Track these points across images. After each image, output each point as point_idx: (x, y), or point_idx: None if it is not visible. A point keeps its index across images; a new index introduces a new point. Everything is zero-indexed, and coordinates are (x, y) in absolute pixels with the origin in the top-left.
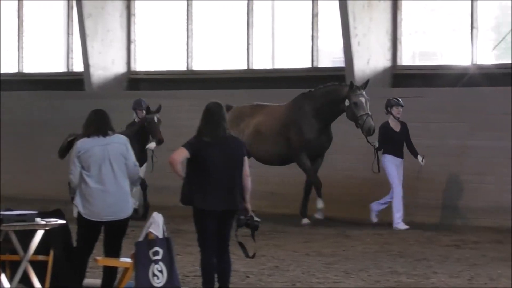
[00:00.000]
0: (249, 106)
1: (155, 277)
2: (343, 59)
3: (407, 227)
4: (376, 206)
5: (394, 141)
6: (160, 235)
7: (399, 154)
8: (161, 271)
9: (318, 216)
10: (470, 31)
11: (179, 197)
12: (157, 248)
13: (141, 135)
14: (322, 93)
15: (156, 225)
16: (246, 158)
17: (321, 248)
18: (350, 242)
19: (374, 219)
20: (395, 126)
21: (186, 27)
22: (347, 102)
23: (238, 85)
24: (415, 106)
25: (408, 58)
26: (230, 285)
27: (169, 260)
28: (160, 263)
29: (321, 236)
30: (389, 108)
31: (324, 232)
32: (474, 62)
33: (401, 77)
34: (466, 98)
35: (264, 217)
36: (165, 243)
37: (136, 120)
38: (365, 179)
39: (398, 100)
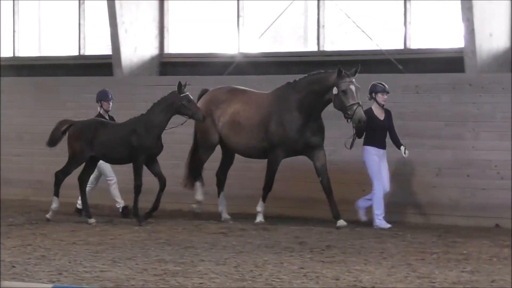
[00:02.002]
0: (226, 90)
1: None
2: (110, 46)
3: (389, 225)
4: (362, 203)
5: (378, 131)
6: None
7: (382, 144)
8: None
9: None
10: (236, 19)
11: None
12: None
13: (165, 119)
14: (308, 82)
15: None
16: None
17: (89, 236)
18: (118, 231)
19: (363, 217)
20: (379, 114)
21: None
22: (335, 91)
23: None
24: None
25: (175, 46)
26: None
27: None
28: None
29: (88, 225)
30: (373, 94)
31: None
32: (241, 51)
33: (168, 65)
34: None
35: (31, 207)
36: None
37: (101, 112)
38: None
39: (384, 86)
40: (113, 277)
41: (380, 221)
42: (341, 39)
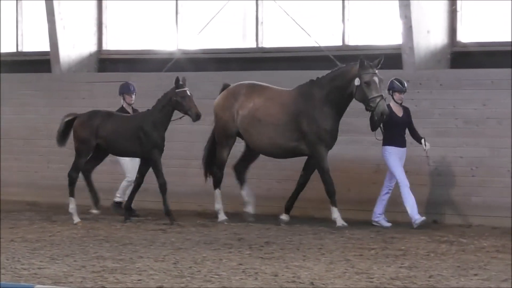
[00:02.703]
0: (246, 85)
1: None
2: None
3: (423, 218)
4: (379, 209)
5: (397, 128)
6: None
7: (402, 143)
8: None
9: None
10: (175, 16)
11: None
12: None
13: (166, 115)
14: (330, 79)
15: None
16: None
17: (27, 234)
18: (56, 228)
19: (386, 223)
20: (398, 111)
21: None
22: (357, 82)
23: None
24: None
25: (114, 43)
26: None
27: None
28: None
29: (27, 222)
30: (391, 92)
31: (31, 218)
32: (179, 47)
33: (107, 62)
34: (172, 82)
35: None
36: None
37: (124, 106)
38: None
39: (401, 84)
40: (51, 274)
41: (419, 218)
42: (279, 35)
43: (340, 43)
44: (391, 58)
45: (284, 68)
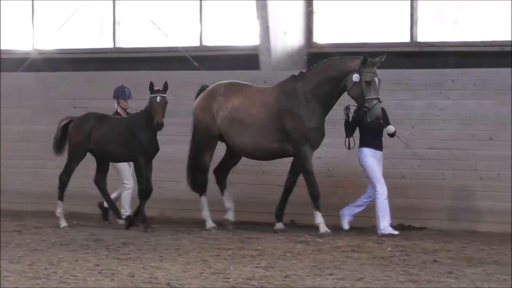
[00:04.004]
0: (224, 84)
1: None
2: None
3: (396, 232)
4: (349, 210)
5: (372, 131)
6: None
7: (378, 146)
8: None
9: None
10: (31, 16)
11: None
12: None
13: (148, 119)
14: (320, 71)
15: None
16: None
17: None
18: None
19: (346, 226)
20: None
21: None
22: (355, 78)
23: None
24: None
25: None
26: None
27: None
28: None
29: None
30: None
31: None
32: (35, 47)
33: None
34: (28, 82)
35: None
36: None
37: (118, 110)
38: None
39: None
40: None
41: (386, 228)
42: (137, 36)
43: (197, 44)
44: (248, 59)
45: (142, 68)
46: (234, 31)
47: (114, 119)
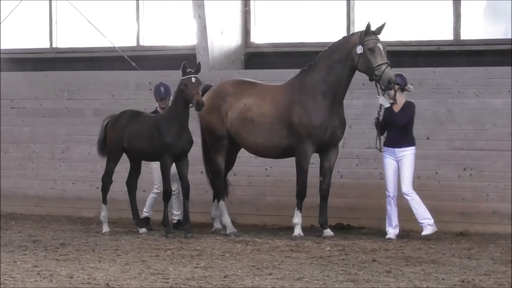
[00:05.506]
0: (231, 83)
1: None
2: None
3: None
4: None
5: (394, 126)
6: None
7: (394, 142)
8: None
9: None
10: None
11: None
12: None
13: (178, 109)
14: (326, 57)
15: None
16: None
17: None
18: None
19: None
20: (395, 107)
21: None
22: (359, 49)
23: None
24: None
25: None
26: None
27: None
28: None
29: None
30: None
31: None
32: None
33: None
34: None
35: None
36: None
37: (157, 109)
38: None
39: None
40: None
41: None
42: (74, 36)
43: (134, 44)
44: (186, 59)
45: (80, 68)
46: (171, 30)
47: (146, 116)
